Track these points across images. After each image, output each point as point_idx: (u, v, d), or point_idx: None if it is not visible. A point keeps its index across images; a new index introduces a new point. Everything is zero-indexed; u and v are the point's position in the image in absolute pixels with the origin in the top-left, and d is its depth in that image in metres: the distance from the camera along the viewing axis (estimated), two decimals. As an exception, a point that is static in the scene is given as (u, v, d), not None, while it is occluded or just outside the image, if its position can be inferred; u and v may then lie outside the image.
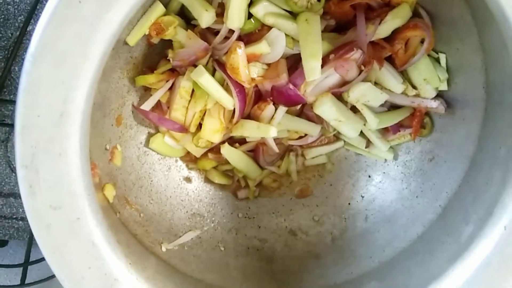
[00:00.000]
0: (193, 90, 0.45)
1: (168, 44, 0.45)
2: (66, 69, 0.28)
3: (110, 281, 0.34)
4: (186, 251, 0.47)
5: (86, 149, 0.32)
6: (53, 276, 0.58)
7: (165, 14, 0.42)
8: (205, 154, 0.51)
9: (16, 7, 0.50)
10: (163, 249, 0.45)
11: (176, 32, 0.42)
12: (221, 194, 0.53)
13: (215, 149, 0.50)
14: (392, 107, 0.49)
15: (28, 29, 0.51)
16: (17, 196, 0.56)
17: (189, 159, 0.51)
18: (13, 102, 0.52)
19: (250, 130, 0.46)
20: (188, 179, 0.51)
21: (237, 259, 0.49)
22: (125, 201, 0.44)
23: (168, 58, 0.44)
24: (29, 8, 0.50)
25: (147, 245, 0.43)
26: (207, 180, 0.52)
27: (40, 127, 0.29)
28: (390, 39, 0.44)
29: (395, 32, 0.44)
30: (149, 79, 0.44)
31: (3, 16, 0.51)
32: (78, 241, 0.32)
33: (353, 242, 0.49)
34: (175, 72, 0.46)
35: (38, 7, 0.50)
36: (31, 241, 0.57)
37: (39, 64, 0.28)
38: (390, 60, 0.46)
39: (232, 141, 0.50)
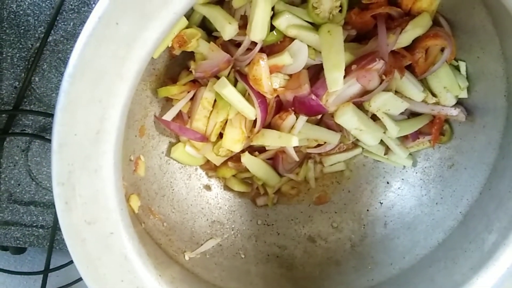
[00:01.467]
0: (215, 101, 0.46)
1: (189, 55, 0.46)
2: (103, 88, 0.29)
3: (142, 294, 0.35)
4: (208, 259, 0.48)
5: (119, 164, 0.32)
6: (72, 283, 0.59)
7: (187, 27, 0.42)
8: (225, 163, 0.51)
9: (36, 18, 0.51)
10: (186, 257, 0.45)
11: (198, 44, 0.43)
12: (240, 202, 0.54)
13: (234, 158, 0.51)
14: (412, 114, 0.49)
15: (48, 40, 0.51)
16: (37, 204, 0.57)
17: (209, 167, 0.52)
18: (33, 112, 0.53)
19: (271, 140, 0.46)
20: (208, 187, 0.52)
21: (258, 266, 0.50)
22: (148, 211, 0.45)
23: (190, 69, 0.45)
24: (49, 19, 0.51)
25: (171, 254, 0.44)
26: (227, 187, 0.53)
27: (77, 145, 0.29)
28: (410, 48, 0.45)
29: (416, 41, 0.44)
30: (172, 91, 0.45)
31: (23, 27, 0.51)
32: (111, 255, 0.33)
33: (373, 249, 0.50)
34: (196, 83, 0.46)
35: (57, 18, 0.51)
36: (51, 248, 0.58)
37: (77, 83, 0.28)
38: (410, 68, 0.46)
39: (252, 149, 0.51)
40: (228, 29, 0.41)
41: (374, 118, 0.48)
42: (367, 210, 0.52)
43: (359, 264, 0.49)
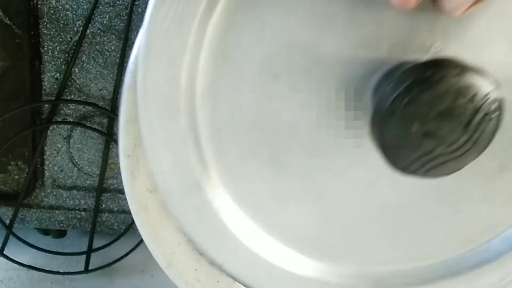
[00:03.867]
0: None
1: None
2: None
3: (196, 255, 0.39)
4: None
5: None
6: (113, 263, 0.63)
7: None
8: None
9: (74, 12, 0.55)
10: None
11: None
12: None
13: None
14: None
15: (86, 33, 0.56)
16: (79, 189, 0.61)
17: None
18: (74, 101, 0.57)
19: None
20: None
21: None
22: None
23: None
24: (86, 13, 0.55)
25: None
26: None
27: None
28: None
29: None
30: None
31: (62, 22, 0.55)
32: (169, 220, 0.37)
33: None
34: None
35: (94, 12, 0.55)
36: (93, 230, 0.62)
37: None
38: None
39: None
40: None
41: None
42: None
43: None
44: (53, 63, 0.57)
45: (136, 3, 0.55)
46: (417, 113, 0.26)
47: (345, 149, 0.31)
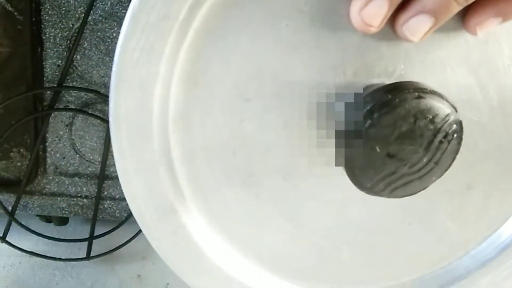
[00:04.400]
0: None
1: None
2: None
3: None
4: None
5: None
6: (114, 249, 0.69)
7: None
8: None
9: (76, -1, 0.60)
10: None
11: None
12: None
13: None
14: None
15: (87, 20, 0.60)
16: (81, 176, 0.67)
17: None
18: (76, 88, 0.63)
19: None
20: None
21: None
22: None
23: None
24: (88, 0, 0.60)
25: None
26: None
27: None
28: None
29: None
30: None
31: (64, 8, 0.60)
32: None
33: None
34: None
35: (97, -2, 0.60)
36: (95, 217, 0.68)
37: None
38: None
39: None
40: None
41: None
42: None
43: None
44: (54, 49, 0.62)
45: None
46: (379, 136, 0.30)
47: (317, 171, 0.35)
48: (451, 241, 0.39)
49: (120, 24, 0.61)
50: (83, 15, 0.60)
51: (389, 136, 0.29)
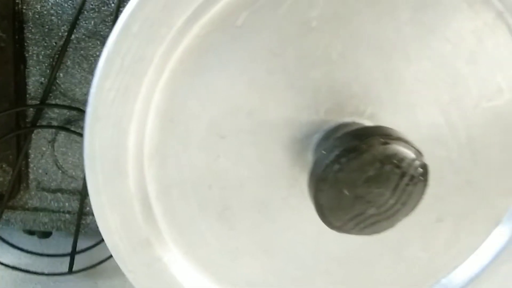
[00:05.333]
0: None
1: None
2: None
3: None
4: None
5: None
6: (97, 264, 0.69)
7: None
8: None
9: (59, 18, 0.60)
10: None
11: None
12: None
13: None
14: None
15: (71, 38, 0.61)
16: (63, 191, 0.67)
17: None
18: (58, 106, 0.63)
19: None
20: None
21: None
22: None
23: None
24: (71, 18, 0.60)
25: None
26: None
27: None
28: None
29: None
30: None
31: (47, 27, 0.60)
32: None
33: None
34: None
35: (79, 17, 0.60)
36: (77, 231, 0.68)
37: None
38: None
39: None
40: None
41: None
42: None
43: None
44: (37, 67, 0.62)
45: (121, 9, 0.60)
46: (347, 179, 0.30)
47: (291, 205, 0.36)
48: (422, 271, 0.39)
49: (103, 43, 0.61)
50: (66, 33, 0.60)
51: (357, 179, 0.30)
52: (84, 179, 0.65)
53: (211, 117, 0.32)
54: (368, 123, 0.33)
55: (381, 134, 0.30)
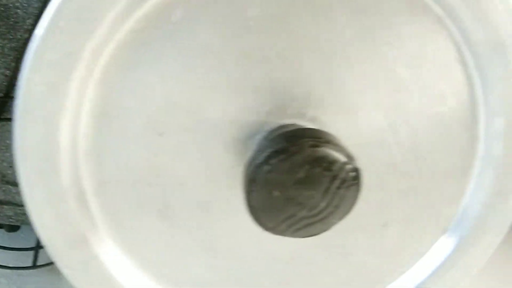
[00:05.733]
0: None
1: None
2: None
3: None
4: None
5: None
6: (63, 259, 0.69)
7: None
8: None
9: (24, 11, 0.59)
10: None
11: None
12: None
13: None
14: None
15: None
16: (28, 186, 0.66)
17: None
18: (23, 100, 0.62)
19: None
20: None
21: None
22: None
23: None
24: (37, 11, 0.59)
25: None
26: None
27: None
28: None
29: None
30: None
31: (13, 19, 0.59)
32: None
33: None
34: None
35: (45, 10, 0.59)
36: (41, 227, 0.68)
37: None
38: None
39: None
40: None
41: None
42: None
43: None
44: (2, 60, 0.61)
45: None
46: (278, 181, 0.30)
47: (234, 205, 0.35)
48: (369, 275, 0.39)
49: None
50: (31, 26, 0.60)
51: (287, 181, 0.29)
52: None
53: (148, 113, 0.32)
54: (309, 126, 0.33)
55: (311, 137, 0.29)
